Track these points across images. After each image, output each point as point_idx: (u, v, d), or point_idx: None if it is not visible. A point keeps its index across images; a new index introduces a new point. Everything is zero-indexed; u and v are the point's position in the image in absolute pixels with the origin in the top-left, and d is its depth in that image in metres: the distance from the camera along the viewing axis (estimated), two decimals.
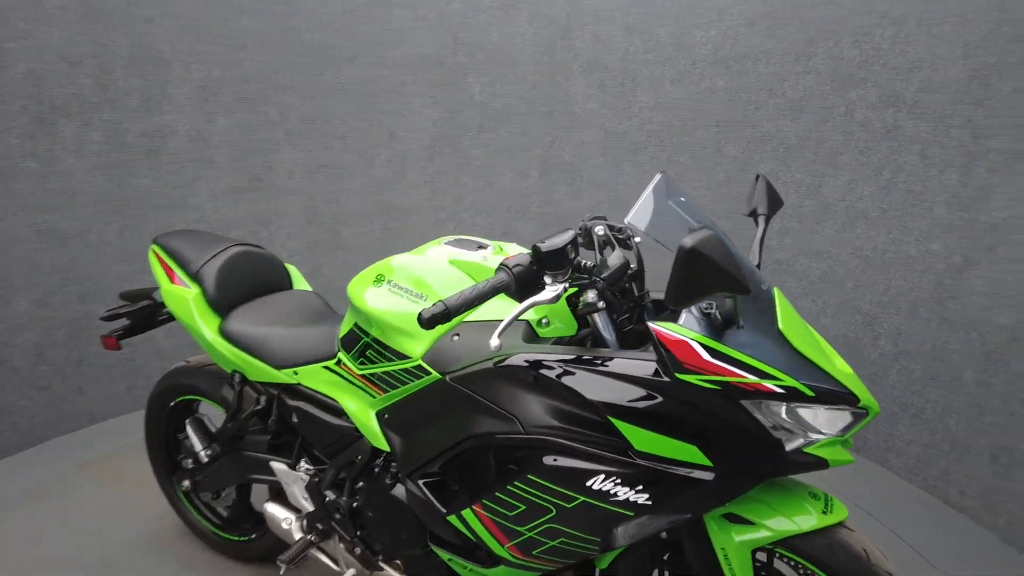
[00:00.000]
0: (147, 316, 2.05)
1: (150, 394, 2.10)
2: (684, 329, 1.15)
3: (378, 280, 1.54)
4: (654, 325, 1.17)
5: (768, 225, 1.54)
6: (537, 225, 3.51)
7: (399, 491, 1.56)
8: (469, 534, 1.40)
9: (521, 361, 1.27)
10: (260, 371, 1.75)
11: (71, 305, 2.86)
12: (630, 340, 1.36)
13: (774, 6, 2.75)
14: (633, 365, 1.19)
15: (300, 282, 2.07)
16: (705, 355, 1.13)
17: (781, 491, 1.28)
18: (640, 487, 1.20)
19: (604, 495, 1.22)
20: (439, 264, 1.50)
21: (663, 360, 1.15)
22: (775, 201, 1.57)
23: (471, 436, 1.35)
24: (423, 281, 1.48)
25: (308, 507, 1.76)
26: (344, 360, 1.63)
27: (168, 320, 2.08)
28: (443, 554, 1.52)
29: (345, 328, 1.64)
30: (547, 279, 1.24)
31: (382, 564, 1.68)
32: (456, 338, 1.42)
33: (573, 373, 1.23)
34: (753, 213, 1.56)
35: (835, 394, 1.14)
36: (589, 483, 1.22)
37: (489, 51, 3.39)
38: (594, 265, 1.28)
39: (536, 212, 3.52)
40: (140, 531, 2.27)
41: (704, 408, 1.15)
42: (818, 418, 1.17)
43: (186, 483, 2.03)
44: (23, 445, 2.79)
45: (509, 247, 1.59)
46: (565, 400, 1.23)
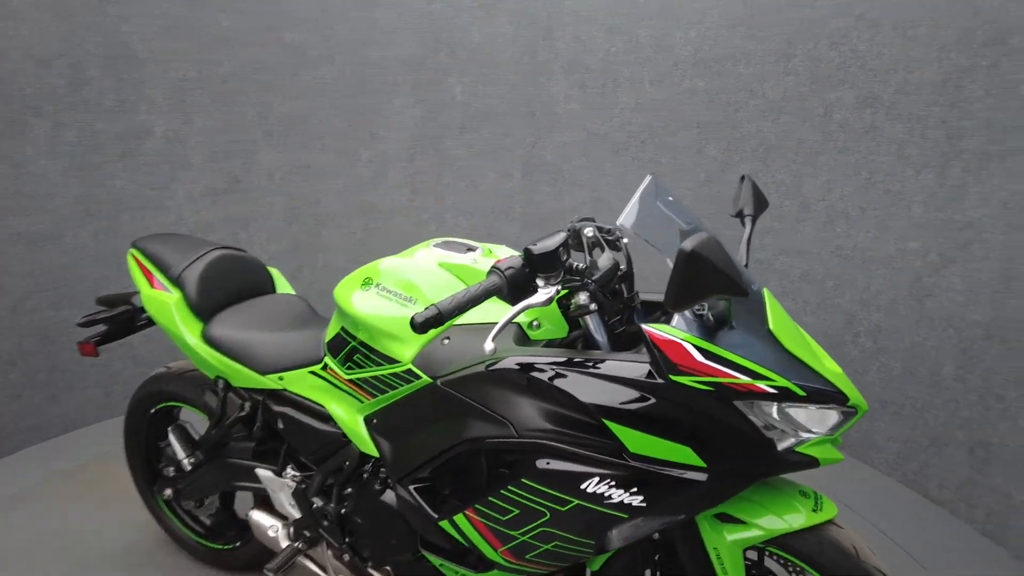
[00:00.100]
0: (125, 321, 2.00)
1: (129, 401, 2.06)
2: (677, 331, 1.16)
3: (366, 283, 1.52)
4: (647, 327, 1.17)
5: (755, 226, 1.55)
6: (520, 226, 3.51)
7: (388, 497, 1.54)
8: (461, 539, 1.39)
9: (514, 364, 1.27)
10: (244, 377, 1.72)
11: (44, 311, 2.79)
12: (621, 342, 1.36)
13: (754, 8, 2.77)
14: (626, 367, 1.20)
15: (283, 285, 2.05)
16: (698, 356, 1.14)
17: (772, 490, 1.29)
18: (634, 489, 1.20)
19: (598, 498, 1.21)
20: (428, 267, 1.49)
21: (656, 362, 1.16)
22: (761, 202, 1.58)
23: (464, 441, 1.34)
24: (412, 284, 1.46)
25: (295, 514, 1.74)
26: (331, 365, 1.61)
27: (147, 325, 2.04)
28: (434, 559, 1.51)
29: (331, 332, 1.62)
30: (539, 282, 1.23)
31: (371, 570, 1.67)
32: (447, 342, 1.41)
33: (567, 376, 1.23)
34: (739, 214, 1.56)
35: (825, 393, 1.15)
36: (583, 486, 1.22)
37: (471, 51, 3.38)
38: (586, 267, 1.28)
39: (519, 213, 3.52)
40: (120, 542, 2.22)
41: (697, 409, 1.15)
42: (808, 417, 1.18)
43: (168, 492, 1.99)
44: None
45: (498, 249, 1.58)
46: (559, 403, 1.23)
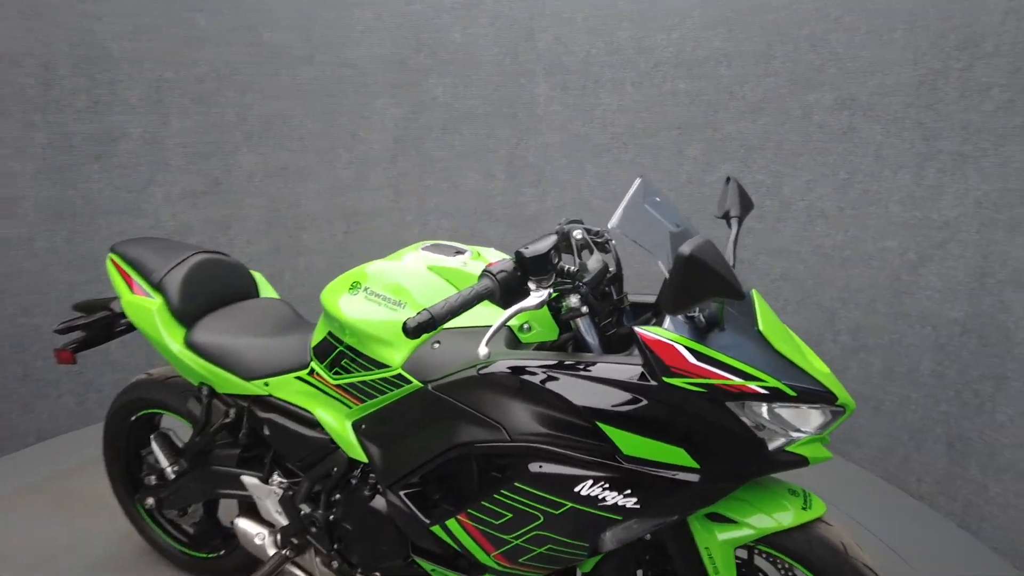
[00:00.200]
0: (104, 328, 1.96)
1: (109, 409, 2.02)
2: (669, 333, 1.16)
3: (353, 287, 1.51)
4: (639, 329, 1.17)
5: (741, 227, 1.56)
6: (504, 227, 3.51)
7: (378, 503, 1.53)
8: (454, 544, 1.38)
9: (506, 368, 1.26)
10: (229, 383, 1.70)
11: (15, 317, 2.72)
12: (612, 344, 1.36)
13: (733, 10, 2.80)
14: (619, 369, 1.20)
15: (267, 289, 2.02)
16: (691, 358, 1.15)
17: (762, 489, 1.30)
18: (628, 491, 1.20)
19: (592, 500, 1.22)
20: (417, 270, 1.48)
21: (649, 364, 1.16)
22: (746, 203, 1.59)
23: (456, 445, 1.33)
24: (402, 288, 1.45)
25: (282, 521, 1.71)
26: (317, 370, 1.59)
27: (126, 331, 2.00)
28: (426, 565, 1.50)
29: (318, 337, 1.60)
30: (531, 285, 1.23)
31: None
32: (437, 346, 1.40)
33: (559, 379, 1.23)
34: (725, 215, 1.58)
35: (815, 393, 1.17)
36: (577, 489, 1.22)
37: (451, 52, 3.37)
38: (577, 270, 1.28)
39: (502, 214, 3.51)
40: (100, 554, 2.17)
41: (690, 411, 1.16)
42: (798, 417, 1.20)
43: (150, 501, 1.95)
44: None
45: (487, 252, 1.57)
46: (552, 406, 1.23)
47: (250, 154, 3.27)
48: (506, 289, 1.22)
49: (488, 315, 1.44)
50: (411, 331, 1.11)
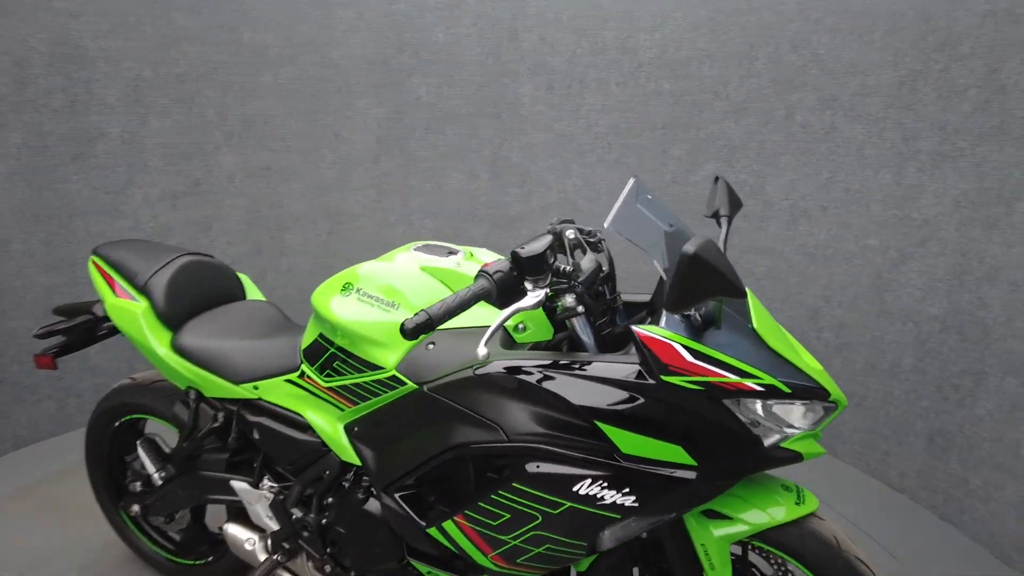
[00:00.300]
0: (85, 332, 1.92)
1: (91, 414, 1.97)
2: (667, 332, 1.17)
3: (345, 289, 1.49)
4: (637, 328, 1.18)
5: (731, 226, 1.57)
6: (488, 227, 3.50)
7: (372, 505, 1.52)
8: (451, 546, 1.37)
9: (503, 368, 1.26)
10: (217, 387, 1.67)
11: None
12: (607, 343, 1.36)
13: (716, 11, 2.83)
14: (615, 368, 1.20)
15: (253, 292, 1.99)
16: (688, 357, 1.15)
17: (756, 486, 1.32)
18: (626, 490, 1.20)
19: (591, 499, 1.22)
20: (410, 271, 1.47)
21: (647, 362, 1.17)
22: (735, 202, 1.61)
23: (452, 446, 1.32)
24: (395, 289, 1.44)
25: (273, 526, 1.69)
26: (308, 372, 1.57)
27: (108, 335, 1.96)
28: (421, 567, 1.49)
29: (308, 339, 1.58)
30: (528, 285, 1.23)
31: None
32: (431, 347, 1.39)
33: (557, 379, 1.23)
34: (715, 214, 1.59)
35: (808, 389, 1.18)
36: (575, 488, 1.22)
37: (435, 52, 3.35)
38: (572, 269, 1.28)
39: (486, 214, 3.51)
40: (83, 564, 2.12)
41: (688, 409, 1.17)
42: (792, 413, 1.21)
43: (135, 508, 1.91)
44: None
45: (480, 252, 1.57)
46: (550, 406, 1.23)
47: (231, 154, 3.22)
48: (502, 289, 1.22)
49: (482, 316, 1.43)
50: (409, 332, 1.10)
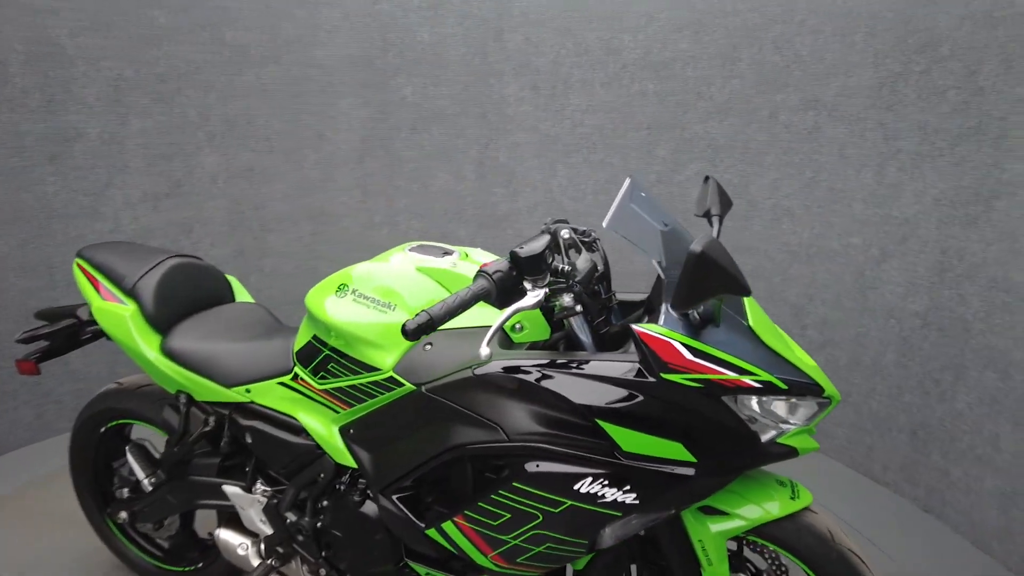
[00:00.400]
0: (69, 336, 1.88)
1: (76, 420, 1.93)
2: (666, 330, 1.18)
3: (340, 290, 1.48)
4: (637, 327, 1.19)
5: (722, 225, 1.59)
6: (475, 227, 3.50)
7: (369, 508, 1.51)
8: (450, 546, 1.37)
9: (502, 368, 1.26)
10: (209, 390, 1.65)
11: None
12: (604, 342, 1.37)
13: (699, 12, 2.86)
14: (615, 367, 1.21)
15: (242, 294, 1.97)
16: (687, 355, 1.17)
17: (751, 481, 1.34)
18: (627, 487, 1.21)
19: (592, 498, 1.23)
20: (406, 272, 1.47)
21: (647, 360, 1.18)
22: (726, 201, 1.62)
23: (452, 447, 1.32)
24: (391, 290, 1.43)
25: (266, 531, 1.67)
26: (301, 375, 1.56)
27: (92, 340, 1.92)
28: (420, 569, 1.49)
29: (301, 341, 1.57)
30: (527, 285, 1.24)
31: None
32: (429, 347, 1.39)
33: (557, 378, 1.23)
34: (706, 214, 1.61)
35: (804, 385, 1.20)
36: (576, 487, 1.23)
37: (419, 51, 3.34)
38: (570, 269, 1.28)
39: (472, 214, 3.50)
40: (68, 570, 2.07)
41: (688, 406, 1.18)
42: (788, 409, 1.23)
43: (123, 515, 1.88)
44: None
45: (475, 252, 1.57)
46: (551, 405, 1.23)
47: (213, 155, 3.18)
48: (501, 289, 1.22)
49: (478, 316, 1.43)
50: (410, 333, 1.10)
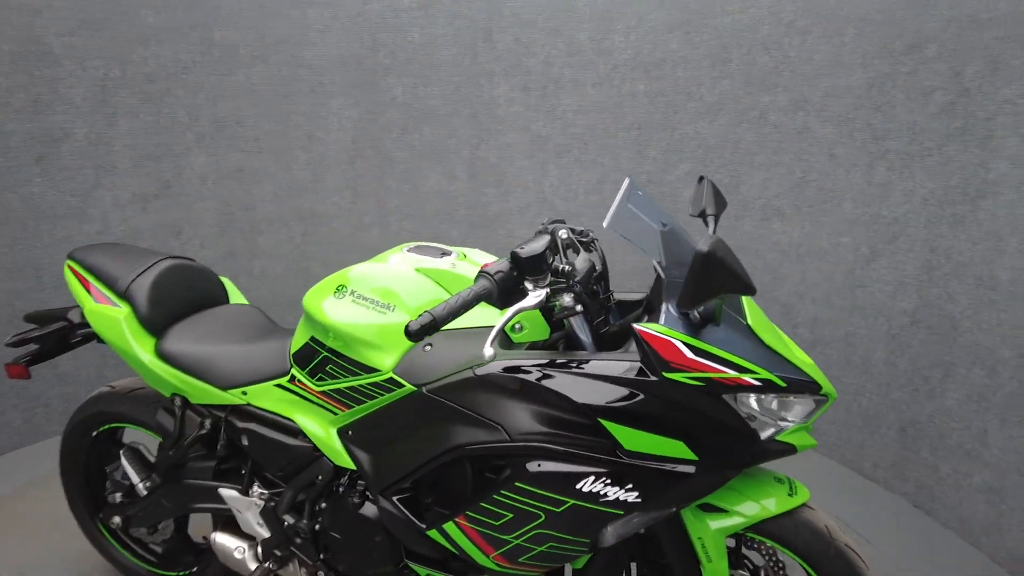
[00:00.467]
0: (60, 339, 1.86)
1: (67, 424, 1.91)
2: (667, 329, 1.19)
3: (339, 291, 1.47)
4: (639, 326, 1.20)
5: (717, 225, 1.61)
6: (466, 228, 3.49)
7: (368, 509, 1.50)
8: (451, 547, 1.37)
9: (503, 368, 1.26)
10: (204, 393, 1.64)
11: None
12: (603, 342, 1.38)
13: (689, 13, 2.88)
14: (617, 366, 1.22)
15: (236, 295, 1.95)
16: (689, 353, 1.17)
17: (749, 479, 1.35)
18: (629, 485, 1.22)
19: (594, 496, 1.23)
20: (405, 273, 1.46)
21: (649, 359, 1.18)
22: (720, 201, 1.64)
23: (453, 447, 1.32)
24: (390, 291, 1.43)
25: (264, 534, 1.66)
26: (299, 377, 1.55)
27: (83, 343, 1.90)
28: (420, 570, 1.49)
29: (298, 342, 1.56)
30: (528, 285, 1.24)
31: None
32: (428, 348, 1.39)
33: (559, 377, 1.24)
34: (702, 214, 1.62)
35: (802, 383, 1.22)
36: (578, 486, 1.23)
37: (410, 52, 3.33)
38: (571, 269, 1.29)
39: (464, 215, 3.50)
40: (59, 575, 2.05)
41: (689, 404, 1.19)
42: (785, 407, 1.24)
43: (116, 519, 1.85)
44: None
45: (473, 253, 1.57)
46: (553, 405, 1.24)
47: (202, 156, 3.15)
48: (503, 290, 1.22)
49: (477, 317, 1.44)
50: (414, 333, 1.10)
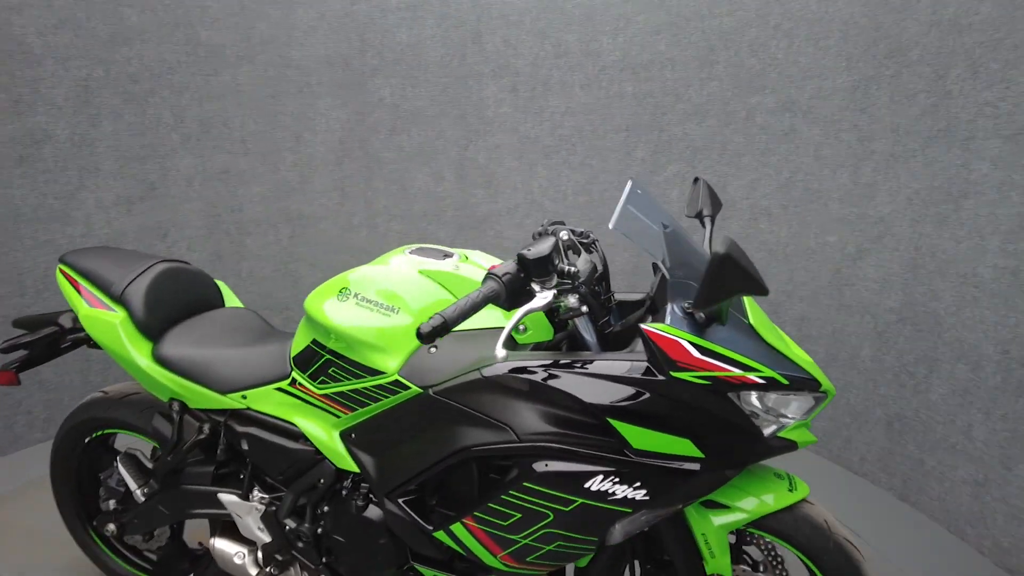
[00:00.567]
0: (50, 345, 1.82)
1: (58, 430, 1.88)
2: (674, 329, 1.21)
3: (342, 294, 1.47)
4: (646, 327, 1.21)
5: (714, 225, 1.63)
6: (454, 229, 3.49)
7: (372, 512, 1.50)
8: (458, 548, 1.38)
9: (510, 369, 1.27)
10: (203, 397, 1.62)
11: None
12: (607, 342, 1.39)
13: (676, 16, 2.91)
14: (623, 366, 1.23)
15: (231, 299, 1.93)
16: (696, 353, 1.19)
17: (750, 475, 1.37)
18: (637, 484, 1.23)
19: (602, 495, 1.24)
20: (408, 275, 1.46)
21: (656, 359, 1.20)
22: (716, 202, 1.66)
23: (461, 449, 1.33)
24: (394, 293, 1.43)
25: (264, 538, 1.65)
26: (300, 380, 1.54)
27: (73, 348, 1.86)
28: (426, 571, 1.49)
29: (299, 345, 1.55)
30: (535, 286, 1.25)
31: None
32: (433, 350, 1.39)
33: (566, 378, 1.25)
34: (698, 215, 1.64)
35: (803, 380, 1.24)
36: (587, 485, 1.25)
37: (398, 52, 3.32)
38: (576, 270, 1.30)
39: (452, 216, 3.50)
40: None
41: (695, 403, 1.21)
42: (787, 404, 1.27)
43: (111, 527, 1.83)
44: None
45: (474, 255, 1.57)
46: (561, 405, 1.25)
47: (188, 157, 3.11)
48: (510, 291, 1.23)
49: (482, 319, 1.44)
50: (425, 336, 1.10)
